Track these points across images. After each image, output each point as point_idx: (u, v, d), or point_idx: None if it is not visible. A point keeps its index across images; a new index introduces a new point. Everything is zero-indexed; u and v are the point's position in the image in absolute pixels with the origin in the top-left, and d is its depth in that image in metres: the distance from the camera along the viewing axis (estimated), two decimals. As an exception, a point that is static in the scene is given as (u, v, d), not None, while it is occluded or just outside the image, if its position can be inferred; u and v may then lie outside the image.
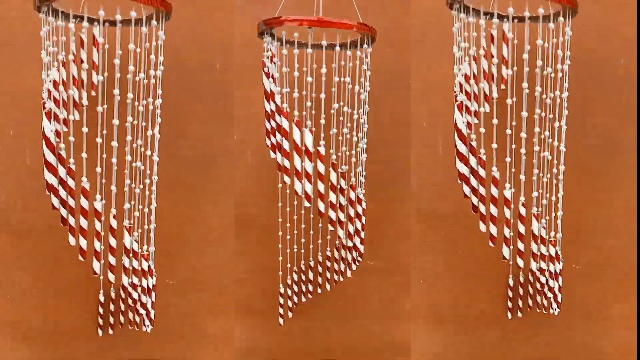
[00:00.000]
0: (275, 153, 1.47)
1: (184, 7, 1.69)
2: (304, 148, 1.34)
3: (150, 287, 1.46)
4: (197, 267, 1.81)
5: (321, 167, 1.39)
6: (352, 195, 1.58)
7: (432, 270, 1.82)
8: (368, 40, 1.52)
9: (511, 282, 1.73)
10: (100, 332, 1.73)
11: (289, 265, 1.68)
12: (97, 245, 1.35)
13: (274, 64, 1.47)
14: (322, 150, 1.39)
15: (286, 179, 1.43)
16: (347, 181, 1.58)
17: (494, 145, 1.35)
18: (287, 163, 1.41)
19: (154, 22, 1.35)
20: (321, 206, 1.41)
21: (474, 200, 1.42)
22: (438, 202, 1.80)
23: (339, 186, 1.54)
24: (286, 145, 1.39)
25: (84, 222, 1.33)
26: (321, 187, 1.41)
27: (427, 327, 1.84)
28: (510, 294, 1.74)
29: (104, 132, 1.33)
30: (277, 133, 1.44)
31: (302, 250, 1.70)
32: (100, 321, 1.72)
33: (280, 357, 1.88)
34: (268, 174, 1.64)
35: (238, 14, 1.80)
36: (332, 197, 1.51)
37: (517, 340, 1.82)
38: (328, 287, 1.75)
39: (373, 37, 1.52)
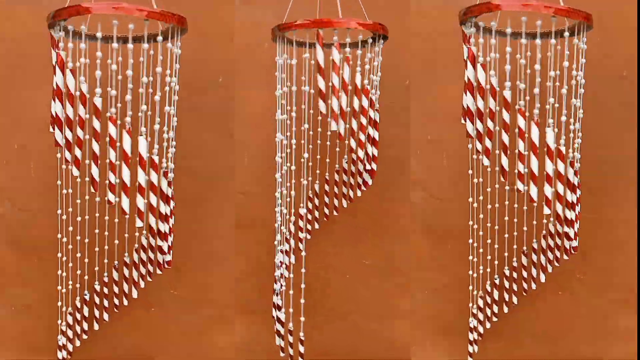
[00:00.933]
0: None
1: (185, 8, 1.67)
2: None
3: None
4: (199, 279, 1.81)
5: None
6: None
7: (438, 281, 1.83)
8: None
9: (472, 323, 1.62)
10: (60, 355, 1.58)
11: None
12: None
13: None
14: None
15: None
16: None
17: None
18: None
19: (175, 43, 1.34)
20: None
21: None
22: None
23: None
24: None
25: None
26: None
27: (431, 337, 1.85)
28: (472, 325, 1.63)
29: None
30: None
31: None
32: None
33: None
34: (269, 175, 1.62)
35: (239, 18, 1.78)
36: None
37: (520, 350, 1.83)
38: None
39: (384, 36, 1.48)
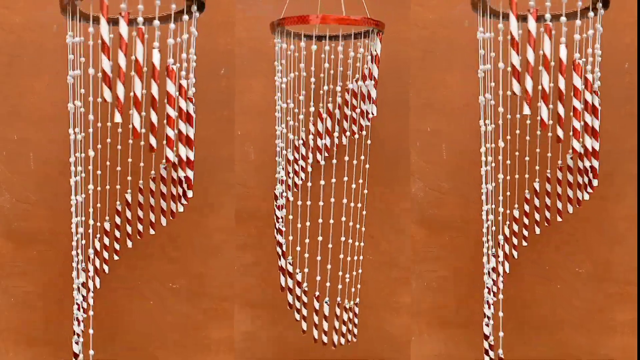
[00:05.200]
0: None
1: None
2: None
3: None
4: (199, 271, 1.80)
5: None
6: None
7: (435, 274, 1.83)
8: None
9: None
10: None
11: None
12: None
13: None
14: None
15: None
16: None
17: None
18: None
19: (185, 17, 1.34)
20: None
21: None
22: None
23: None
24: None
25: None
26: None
27: (429, 330, 1.85)
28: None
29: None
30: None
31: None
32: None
33: (281, 350, 1.87)
34: (270, 169, 1.63)
35: (239, 12, 1.78)
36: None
37: (518, 344, 1.83)
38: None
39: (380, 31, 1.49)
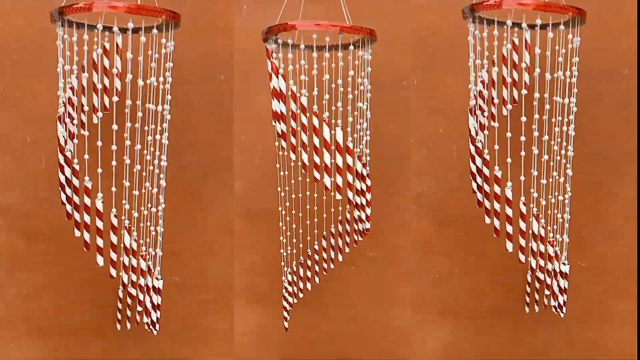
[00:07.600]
0: (295, 153, 1.46)
1: (184, 8, 1.69)
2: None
3: (150, 286, 1.48)
4: (200, 267, 1.84)
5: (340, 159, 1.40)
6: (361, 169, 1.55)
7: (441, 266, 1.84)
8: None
9: (529, 278, 1.69)
10: (118, 327, 1.71)
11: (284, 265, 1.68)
12: (100, 241, 1.39)
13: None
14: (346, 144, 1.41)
15: (316, 174, 1.42)
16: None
17: (496, 147, 1.41)
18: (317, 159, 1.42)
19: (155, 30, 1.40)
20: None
21: (479, 195, 1.51)
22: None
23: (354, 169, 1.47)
24: (317, 141, 1.41)
25: (87, 218, 1.40)
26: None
27: (435, 320, 1.86)
28: (528, 289, 1.70)
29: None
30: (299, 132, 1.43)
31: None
32: (119, 316, 1.71)
33: (282, 345, 1.90)
34: (270, 169, 1.64)
35: (239, 18, 1.79)
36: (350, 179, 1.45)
37: (520, 335, 1.84)
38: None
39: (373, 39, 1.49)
